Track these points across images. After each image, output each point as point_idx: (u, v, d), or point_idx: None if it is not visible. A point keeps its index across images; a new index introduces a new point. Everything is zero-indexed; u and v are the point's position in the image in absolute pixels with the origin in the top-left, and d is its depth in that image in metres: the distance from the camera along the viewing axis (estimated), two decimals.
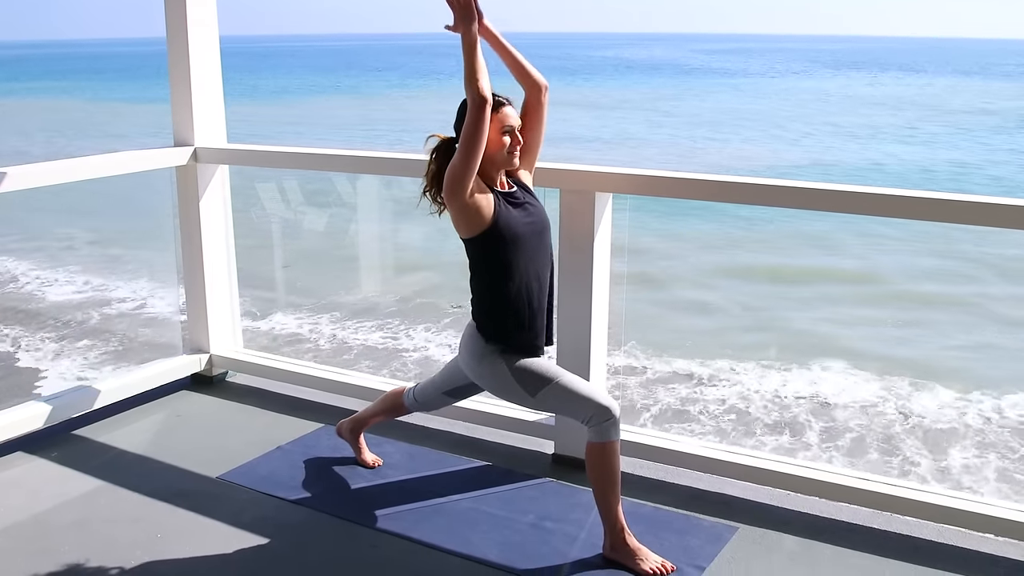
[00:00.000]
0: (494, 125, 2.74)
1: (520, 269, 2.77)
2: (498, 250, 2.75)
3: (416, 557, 2.85)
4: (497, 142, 2.76)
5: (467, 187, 2.66)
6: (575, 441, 3.40)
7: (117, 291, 11.59)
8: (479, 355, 2.86)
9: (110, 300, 11.25)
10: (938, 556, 2.83)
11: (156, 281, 11.59)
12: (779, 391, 8.30)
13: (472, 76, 2.63)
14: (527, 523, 3.02)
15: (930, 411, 7.94)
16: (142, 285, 11.68)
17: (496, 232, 2.73)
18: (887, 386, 8.42)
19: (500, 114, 2.76)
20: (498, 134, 2.76)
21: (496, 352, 2.83)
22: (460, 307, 10.08)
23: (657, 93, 46.69)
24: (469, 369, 2.91)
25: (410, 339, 9.78)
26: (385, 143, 27.49)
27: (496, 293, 2.80)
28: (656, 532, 2.93)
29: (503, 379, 2.83)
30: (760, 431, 7.53)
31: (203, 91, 3.97)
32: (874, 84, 53.15)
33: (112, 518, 3.07)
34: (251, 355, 4.29)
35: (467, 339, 2.92)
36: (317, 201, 12.05)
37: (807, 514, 3.08)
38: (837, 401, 8.11)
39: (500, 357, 2.82)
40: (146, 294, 11.34)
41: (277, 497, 3.20)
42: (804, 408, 7.97)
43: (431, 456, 3.51)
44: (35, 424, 3.60)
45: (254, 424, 3.84)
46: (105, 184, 3.91)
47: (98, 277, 12.21)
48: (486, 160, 2.73)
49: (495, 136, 2.75)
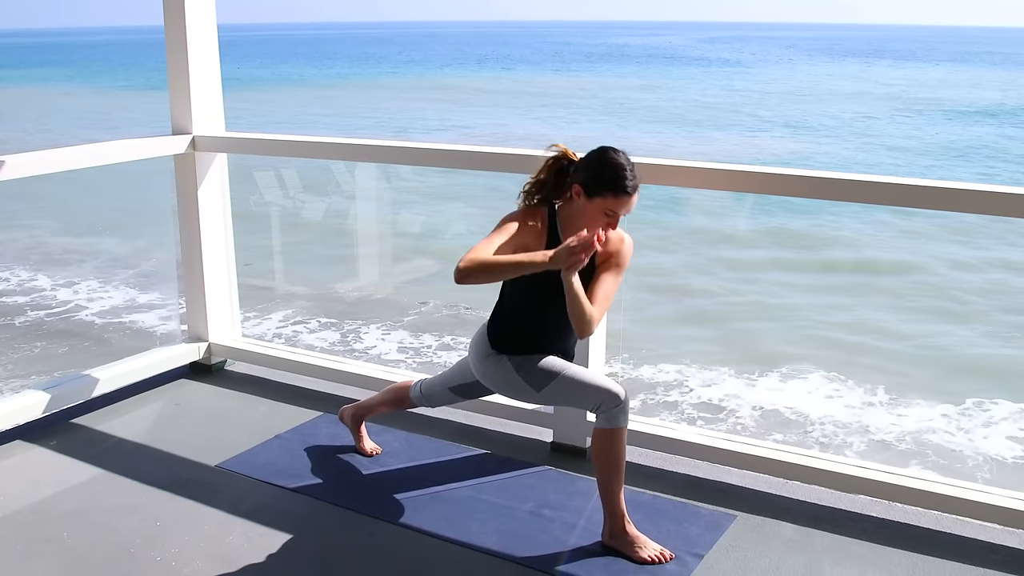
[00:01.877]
0: (607, 202, 2.63)
1: (541, 304, 2.76)
2: (523, 282, 2.71)
3: (415, 545, 2.86)
4: (595, 218, 2.65)
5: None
6: (574, 429, 3.40)
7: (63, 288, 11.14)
8: (484, 355, 2.87)
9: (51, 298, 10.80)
10: (936, 544, 2.84)
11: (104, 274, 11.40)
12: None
13: (580, 317, 2.62)
14: (526, 511, 3.03)
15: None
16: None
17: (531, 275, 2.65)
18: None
19: (618, 199, 2.63)
20: (601, 212, 2.64)
21: (500, 352, 2.84)
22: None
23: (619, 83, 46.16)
24: (475, 368, 2.92)
25: (360, 341, 9.43)
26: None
27: (511, 309, 2.79)
28: (654, 520, 2.94)
29: (507, 376, 2.83)
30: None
31: (201, 79, 3.96)
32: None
33: (111, 506, 3.07)
34: (250, 343, 4.29)
35: (476, 339, 2.93)
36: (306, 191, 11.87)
37: (806, 502, 3.09)
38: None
39: (504, 355, 2.84)
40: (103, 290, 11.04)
41: (276, 485, 3.21)
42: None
43: (430, 444, 3.51)
44: (34, 413, 3.60)
45: (253, 412, 3.84)
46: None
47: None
48: (581, 223, 2.65)
49: (596, 211, 2.65)
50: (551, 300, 2.68)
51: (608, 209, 2.64)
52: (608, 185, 2.63)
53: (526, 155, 3.32)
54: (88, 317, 10.09)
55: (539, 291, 2.72)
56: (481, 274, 2.57)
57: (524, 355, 2.81)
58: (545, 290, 2.69)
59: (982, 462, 6.78)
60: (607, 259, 2.76)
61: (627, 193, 2.63)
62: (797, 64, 61.64)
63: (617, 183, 2.62)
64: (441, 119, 31.38)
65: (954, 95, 38.55)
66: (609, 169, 2.64)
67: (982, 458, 6.85)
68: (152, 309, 10.37)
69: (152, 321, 9.97)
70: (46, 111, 33.92)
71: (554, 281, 2.60)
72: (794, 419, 7.46)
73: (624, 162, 2.66)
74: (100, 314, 10.21)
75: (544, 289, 2.69)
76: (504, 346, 2.84)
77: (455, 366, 3.12)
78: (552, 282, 2.61)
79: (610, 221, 2.66)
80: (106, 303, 10.61)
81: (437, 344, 9.11)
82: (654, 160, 3.10)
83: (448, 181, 14.66)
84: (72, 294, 10.88)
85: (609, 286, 2.74)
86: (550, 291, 2.66)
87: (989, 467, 6.71)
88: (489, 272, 2.59)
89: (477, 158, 3.65)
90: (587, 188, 2.65)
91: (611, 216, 2.65)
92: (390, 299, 10.77)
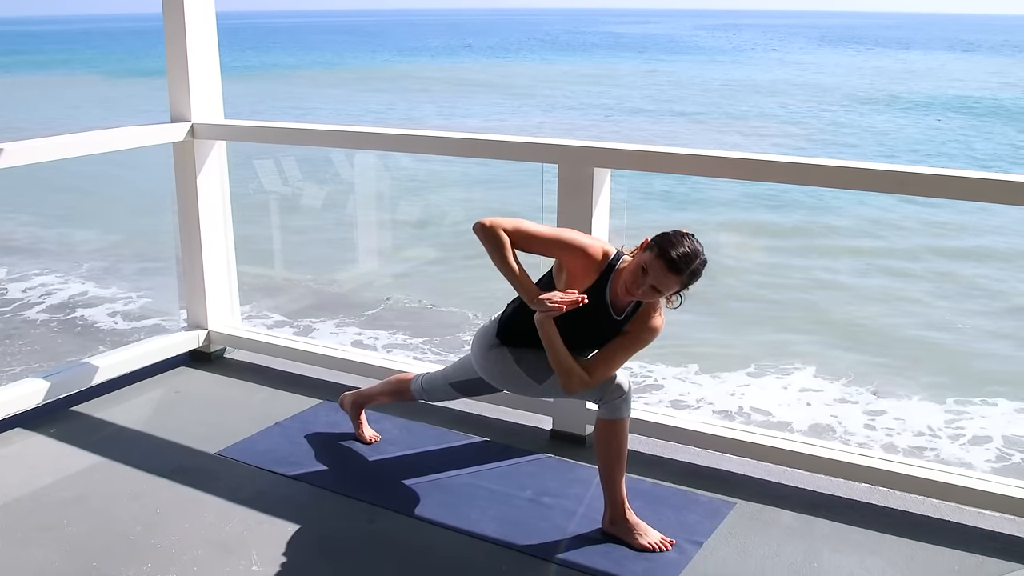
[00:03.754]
0: (650, 260, 2.54)
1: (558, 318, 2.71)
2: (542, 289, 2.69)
3: (414, 532, 2.86)
4: (632, 272, 2.58)
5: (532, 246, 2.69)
6: (573, 417, 3.41)
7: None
8: (487, 347, 2.87)
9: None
10: (935, 532, 2.84)
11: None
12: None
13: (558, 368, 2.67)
14: (525, 498, 3.03)
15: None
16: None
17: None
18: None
19: (659, 261, 2.52)
20: (639, 267, 2.56)
21: (503, 344, 2.84)
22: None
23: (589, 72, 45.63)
24: (476, 362, 2.92)
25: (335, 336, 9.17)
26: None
27: (528, 310, 2.72)
28: (654, 508, 2.94)
29: (508, 369, 2.83)
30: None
31: (200, 66, 3.95)
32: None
33: (111, 494, 3.08)
34: (249, 331, 4.29)
35: (481, 332, 2.92)
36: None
37: (805, 490, 3.09)
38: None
39: (506, 347, 2.84)
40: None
41: (275, 472, 3.21)
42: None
43: (429, 432, 3.51)
44: (34, 400, 3.60)
45: (252, 400, 3.84)
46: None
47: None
48: (623, 272, 2.63)
49: (636, 265, 2.58)
50: (567, 318, 2.64)
51: (647, 265, 2.54)
52: (659, 247, 2.55)
53: (524, 143, 3.32)
54: (35, 315, 9.63)
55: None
56: (489, 247, 2.64)
57: (526, 348, 2.81)
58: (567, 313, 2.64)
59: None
60: (633, 328, 2.71)
61: (667, 262, 2.52)
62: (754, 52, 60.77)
63: (666, 251, 2.53)
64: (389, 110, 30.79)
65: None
66: (672, 238, 2.56)
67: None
68: (103, 303, 9.93)
69: (100, 317, 9.53)
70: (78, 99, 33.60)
71: (572, 316, 2.61)
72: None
73: (688, 247, 2.54)
74: (49, 310, 9.73)
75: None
76: (510, 338, 2.83)
77: (457, 362, 3.11)
78: (571, 317, 2.62)
79: (642, 285, 2.56)
80: (57, 297, 10.12)
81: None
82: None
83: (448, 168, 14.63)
84: (21, 292, 10.36)
85: (617, 352, 2.71)
86: (565, 321, 2.65)
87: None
88: (493, 254, 2.64)
89: (479, 146, 3.64)
90: (649, 243, 2.61)
91: (644, 275, 2.55)
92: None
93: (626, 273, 2.62)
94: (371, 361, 3.90)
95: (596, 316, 2.67)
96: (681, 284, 2.57)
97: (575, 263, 2.67)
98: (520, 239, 2.67)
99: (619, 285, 2.64)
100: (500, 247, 2.64)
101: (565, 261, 2.69)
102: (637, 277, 2.57)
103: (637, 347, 2.72)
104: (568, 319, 2.63)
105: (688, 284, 2.59)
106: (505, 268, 2.65)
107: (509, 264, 2.64)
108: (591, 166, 3.20)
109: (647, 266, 2.55)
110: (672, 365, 8.04)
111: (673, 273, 2.53)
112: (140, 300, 9.99)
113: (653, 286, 2.55)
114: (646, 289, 2.57)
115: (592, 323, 2.68)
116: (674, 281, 2.55)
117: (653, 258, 2.54)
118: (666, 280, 2.54)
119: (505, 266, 2.65)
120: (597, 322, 2.69)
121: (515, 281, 2.65)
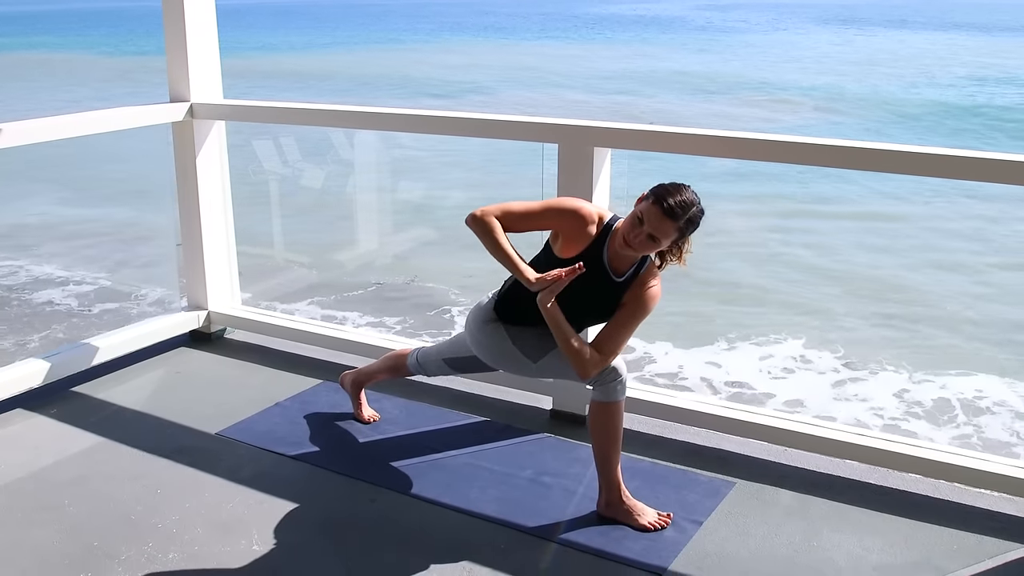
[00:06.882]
0: (646, 207, 2.52)
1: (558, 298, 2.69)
2: (539, 269, 2.64)
3: (414, 512, 2.87)
4: (630, 221, 2.56)
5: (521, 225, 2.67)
6: (573, 397, 3.41)
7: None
8: (482, 321, 2.85)
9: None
10: (934, 511, 2.85)
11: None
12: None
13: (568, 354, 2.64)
14: (525, 478, 3.04)
15: None
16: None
17: (551, 264, 2.64)
18: None
19: (653, 208, 2.50)
20: (635, 216, 2.54)
21: (499, 319, 2.82)
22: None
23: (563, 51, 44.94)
24: (471, 337, 2.90)
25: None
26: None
27: (520, 284, 2.69)
28: (653, 487, 2.95)
29: (502, 345, 2.82)
30: None
31: (199, 46, 3.93)
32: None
33: (112, 474, 3.08)
34: (249, 311, 4.29)
35: (476, 308, 2.90)
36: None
37: (804, 469, 3.09)
38: None
39: (502, 323, 2.81)
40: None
41: (276, 453, 3.21)
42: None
43: (429, 412, 3.51)
44: (34, 381, 3.60)
45: (252, 380, 3.84)
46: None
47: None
48: (620, 227, 2.62)
49: (632, 216, 2.56)
50: (564, 297, 2.61)
51: (642, 213, 2.53)
52: (655, 195, 2.53)
53: (525, 122, 3.31)
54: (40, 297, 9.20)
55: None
56: (481, 236, 2.63)
57: (522, 325, 2.80)
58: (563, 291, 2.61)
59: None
60: (631, 297, 2.67)
61: (663, 208, 2.50)
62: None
63: (663, 198, 2.51)
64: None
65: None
66: (668, 187, 2.54)
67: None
68: (62, 285, 9.58)
69: (57, 296, 9.17)
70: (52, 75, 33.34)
71: (572, 286, 2.57)
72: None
73: (686, 196, 2.53)
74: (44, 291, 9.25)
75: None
76: (507, 314, 2.81)
77: (452, 338, 3.11)
78: (571, 286, 2.57)
79: (639, 234, 2.53)
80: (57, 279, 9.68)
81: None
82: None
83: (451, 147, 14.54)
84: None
85: (622, 326, 2.67)
86: (565, 291, 2.60)
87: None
88: (485, 241, 2.63)
89: (480, 125, 3.63)
90: (645, 194, 2.59)
91: (640, 224, 2.52)
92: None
93: (623, 224, 2.59)
94: (371, 341, 3.90)
95: (596, 281, 2.64)
96: (679, 232, 2.55)
97: (570, 226, 2.64)
98: (511, 220, 2.65)
99: (616, 241, 2.61)
100: (490, 232, 2.61)
101: (560, 226, 2.66)
102: (634, 226, 2.54)
103: (640, 317, 2.68)
104: (569, 290, 2.59)
105: (686, 233, 2.58)
106: (499, 253, 2.62)
107: (502, 248, 2.61)
108: (591, 145, 3.19)
109: (643, 214, 2.53)
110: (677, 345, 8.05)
111: (669, 219, 2.51)
112: (139, 280, 9.93)
113: (650, 234, 2.53)
114: (643, 239, 2.54)
115: (593, 290, 2.65)
116: (671, 228, 2.52)
117: (649, 205, 2.53)
118: (663, 226, 2.51)
119: (498, 251, 2.62)
120: (597, 288, 2.65)
121: (511, 265, 2.62)
